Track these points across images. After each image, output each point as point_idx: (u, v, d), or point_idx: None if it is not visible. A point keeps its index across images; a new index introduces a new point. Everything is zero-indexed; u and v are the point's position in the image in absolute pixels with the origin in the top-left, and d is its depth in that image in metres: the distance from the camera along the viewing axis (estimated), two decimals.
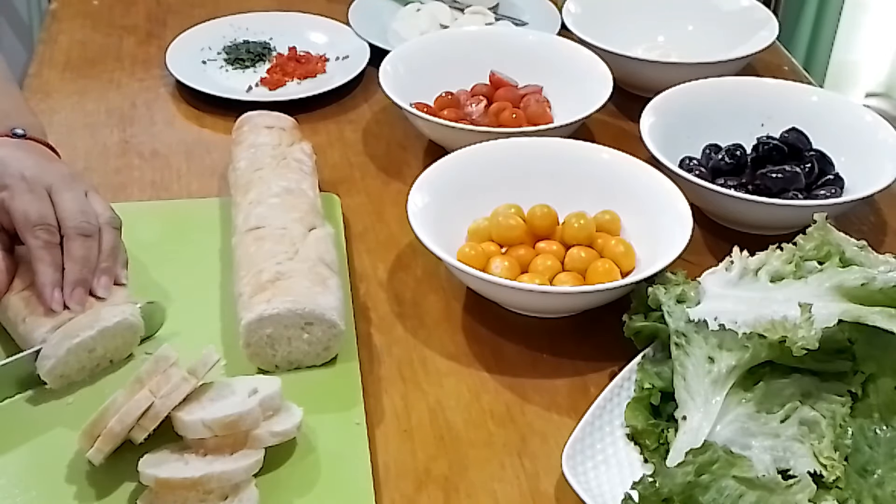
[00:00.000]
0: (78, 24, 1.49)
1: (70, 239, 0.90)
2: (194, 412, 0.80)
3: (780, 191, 1.08)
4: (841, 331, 0.80)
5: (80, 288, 0.89)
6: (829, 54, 2.87)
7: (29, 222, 0.89)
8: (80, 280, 0.89)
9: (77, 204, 0.91)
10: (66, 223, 0.90)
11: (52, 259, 0.89)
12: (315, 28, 1.45)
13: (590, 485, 0.81)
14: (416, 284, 1.04)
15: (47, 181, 0.91)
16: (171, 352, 0.82)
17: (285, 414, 0.83)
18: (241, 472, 0.78)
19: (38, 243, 0.89)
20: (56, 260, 0.89)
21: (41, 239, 0.89)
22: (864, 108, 1.18)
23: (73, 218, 0.90)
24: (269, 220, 0.97)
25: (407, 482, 0.83)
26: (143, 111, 1.30)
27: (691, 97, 1.18)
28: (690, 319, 0.85)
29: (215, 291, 0.99)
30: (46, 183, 0.91)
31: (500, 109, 1.21)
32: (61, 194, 0.91)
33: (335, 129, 1.28)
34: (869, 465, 0.79)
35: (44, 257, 0.88)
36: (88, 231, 0.91)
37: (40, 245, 0.89)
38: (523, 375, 0.94)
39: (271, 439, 0.80)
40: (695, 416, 0.81)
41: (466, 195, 1.05)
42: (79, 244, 0.90)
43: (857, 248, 0.87)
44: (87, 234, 0.90)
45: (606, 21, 1.37)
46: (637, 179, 1.05)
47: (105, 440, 0.78)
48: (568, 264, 1.00)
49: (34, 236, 0.89)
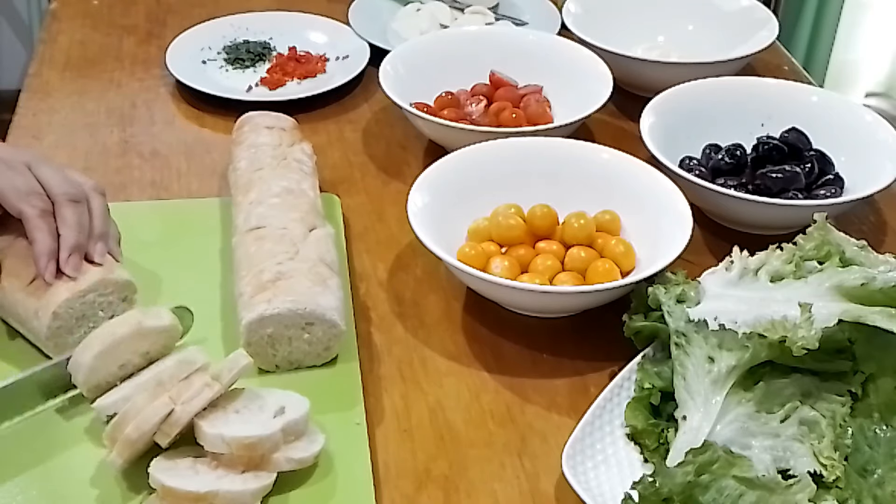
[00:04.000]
0: (78, 23, 1.49)
1: (61, 206, 0.89)
2: (217, 424, 0.79)
3: (780, 191, 1.08)
4: (841, 331, 0.80)
5: (76, 254, 0.88)
6: (829, 54, 2.87)
7: (21, 193, 0.89)
8: (77, 245, 0.88)
9: (59, 174, 0.91)
10: (54, 191, 0.90)
11: (48, 227, 0.88)
12: (315, 28, 1.45)
13: (590, 485, 0.81)
14: (416, 284, 1.04)
15: (24, 159, 0.91)
16: (199, 355, 0.81)
17: (307, 439, 0.81)
18: (248, 496, 0.76)
19: (35, 212, 0.88)
20: (52, 228, 0.88)
21: (37, 207, 0.88)
22: (864, 108, 1.18)
23: (59, 185, 0.90)
24: (270, 220, 0.97)
25: (407, 482, 0.83)
26: (143, 111, 1.30)
27: (691, 97, 1.18)
28: (690, 319, 0.85)
29: (215, 291, 0.99)
30: (24, 160, 0.91)
31: (500, 109, 1.21)
32: (41, 168, 0.91)
33: (335, 129, 1.28)
34: (869, 465, 0.79)
35: (41, 226, 0.88)
36: (78, 197, 0.90)
37: (37, 214, 0.88)
38: (523, 375, 0.94)
39: (287, 465, 0.79)
40: (695, 415, 0.81)
41: (466, 195, 1.05)
42: (71, 210, 0.89)
43: (857, 248, 0.87)
44: (77, 200, 0.90)
45: (606, 21, 1.37)
46: (637, 179, 1.05)
47: (123, 446, 0.77)
48: (568, 264, 1.00)
49: (30, 205, 0.88)
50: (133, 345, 0.85)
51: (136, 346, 0.85)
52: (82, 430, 0.84)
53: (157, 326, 0.86)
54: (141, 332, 0.85)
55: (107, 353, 0.83)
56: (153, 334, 0.86)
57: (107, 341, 0.83)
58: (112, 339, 0.83)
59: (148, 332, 0.85)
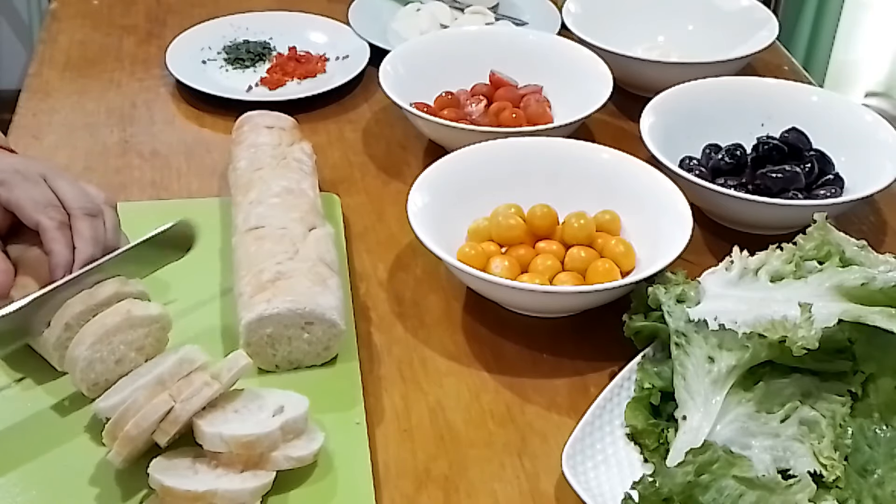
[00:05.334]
0: (78, 23, 1.49)
1: (78, 219, 0.90)
2: (215, 423, 0.79)
3: (780, 191, 1.08)
4: (841, 331, 0.80)
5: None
6: (829, 54, 2.87)
7: (39, 205, 0.89)
8: (91, 259, 0.89)
9: (76, 187, 0.92)
10: (70, 205, 0.90)
11: (66, 240, 0.88)
12: (315, 28, 1.45)
13: (590, 485, 0.81)
14: (416, 284, 1.04)
15: (40, 171, 0.92)
16: (198, 354, 0.81)
17: (306, 437, 0.81)
18: (247, 494, 0.76)
19: (53, 224, 0.88)
20: (69, 241, 0.89)
21: (55, 220, 0.88)
22: (864, 108, 1.18)
23: (76, 199, 0.90)
24: (270, 219, 0.97)
25: (407, 482, 0.83)
26: (143, 111, 1.30)
27: (691, 97, 1.18)
28: (690, 319, 0.85)
29: (215, 291, 0.99)
30: (40, 172, 0.92)
31: (500, 109, 1.21)
32: (56, 181, 0.91)
33: (335, 129, 1.28)
34: (869, 465, 0.79)
35: (59, 238, 0.88)
36: (94, 211, 0.91)
37: (55, 226, 0.88)
38: (523, 375, 0.94)
39: (285, 464, 0.79)
40: (695, 415, 0.81)
41: (466, 195, 1.05)
42: (87, 224, 0.90)
43: (857, 248, 0.87)
44: (93, 214, 0.91)
45: (606, 21, 1.37)
46: (637, 179, 1.06)
47: (123, 443, 0.77)
48: (568, 264, 1.00)
49: (48, 217, 0.88)
50: (125, 335, 0.85)
51: (128, 337, 0.86)
52: (82, 429, 0.84)
53: (146, 315, 0.86)
54: (131, 321, 0.85)
55: (100, 343, 0.84)
56: (144, 324, 0.86)
57: (98, 332, 0.84)
58: (104, 330, 0.84)
59: (138, 321, 0.86)
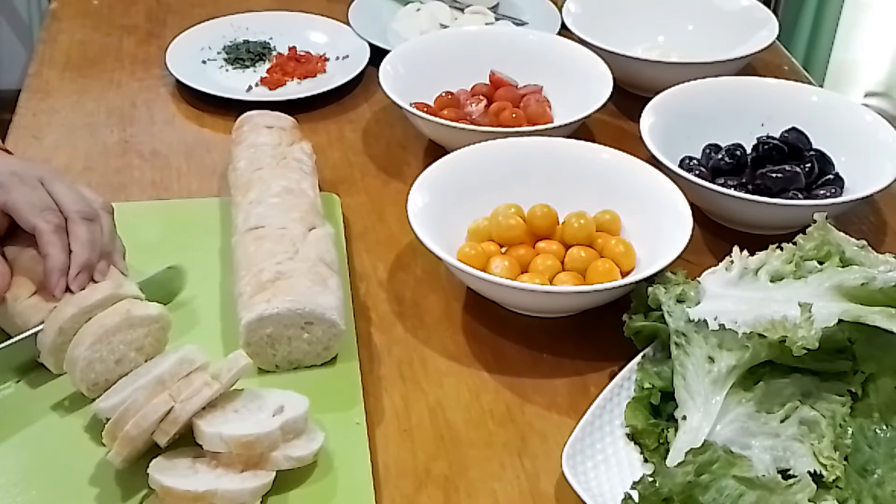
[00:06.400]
0: (78, 23, 1.49)
1: (75, 223, 0.90)
2: (215, 423, 0.79)
3: (780, 191, 1.08)
4: (841, 331, 0.80)
5: (85, 272, 0.89)
6: (829, 54, 2.87)
7: (36, 208, 0.89)
8: (87, 263, 0.89)
9: (73, 191, 0.92)
10: (68, 208, 0.90)
11: (62, 244, 0.89)
12: (315, 28, 1.45)
13: (590, 485, 0.81)
14: (416, 284, 1.04)
15: (37, 174, 0.92)
16: (198, 354, 0.81)
17: (306, 437, 0.81)
18: (247, 494, 0.76)
19: (50, 227, 0.88)
20: (65, 244, 0.89)
21: (52, 223, 0.89)
22: (864, 108, 1.18)
23: (74, 203, 0.90)
24: (269, 219, 0.97)
25: (407, 482, 0.83)
26: (143, 111, 1.30)
27: (691, 97, 1.18)
28: (690, 319, 0.85)
29: (215, 291, 0.99)
30: (37, 175, 0.92)
31: (500, 109, 1.21)
32: (54, 184, 0.91)
33: (335, 128, 1.28)
34: (869, 465, 0.79)
35: (55, 241, 0.88)
36: (91, 215, 0.91)
37: (51, 229, 0.88)
38: (523, 375, 0.94)
39: (285, 463, 0.79)
40: (695, 415, 0.81)
41: (466, 195, 1.05)
42: (84, 228, 0.90)
43: (857, 248, 0.87)
44: (90, 219, 0.91)
45: (606, 21, 1.37)
46: (637, 179, 1.05)
47: (123, 443, 0.77)
48: (568, 264, 1.00)
49: (45, 220, 0.89)
50: (125, 335, 0.86)
51: (128, 337, 0.86)
52: (82, 429, 0.84)
53: (146, 315, 0.87)
54: (130, 321, 0.86)
55: (100, 343, 0.84)
56: (144, 324, 0.87)
57: (98, 332, 0.84)
58: (103, 330, 0.84)
59: (138, 321, 0.86)
